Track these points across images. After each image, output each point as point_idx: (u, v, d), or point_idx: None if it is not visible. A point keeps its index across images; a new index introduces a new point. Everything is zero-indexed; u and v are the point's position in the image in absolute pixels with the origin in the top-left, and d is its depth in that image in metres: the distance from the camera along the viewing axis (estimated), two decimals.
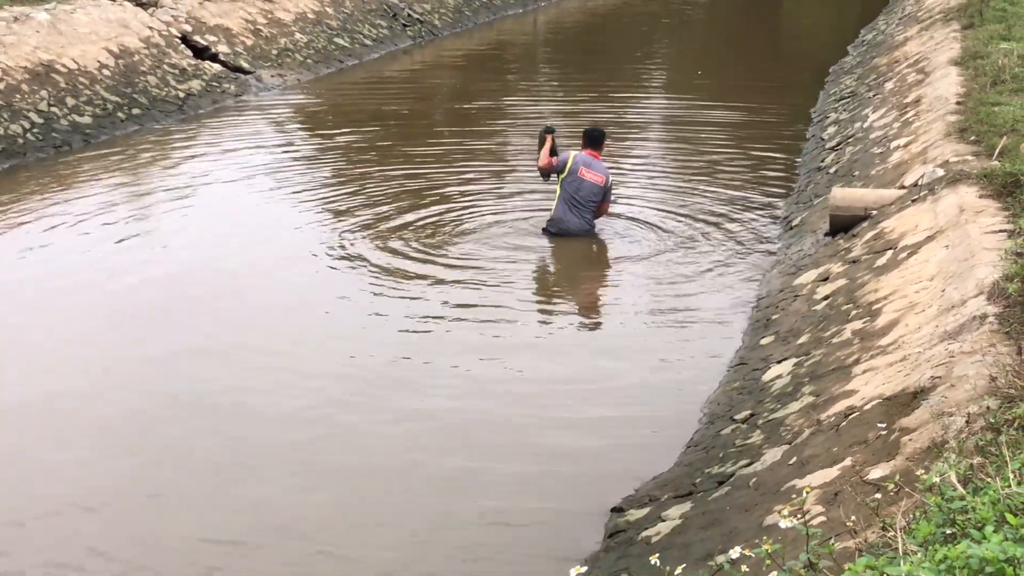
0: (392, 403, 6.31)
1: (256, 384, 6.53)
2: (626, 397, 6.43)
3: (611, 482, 5.36)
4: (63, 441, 5.88)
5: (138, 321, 7.43)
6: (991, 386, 4.13)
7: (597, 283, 8.50)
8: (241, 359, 6.85)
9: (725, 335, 7.12)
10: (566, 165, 8.85)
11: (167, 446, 5.83)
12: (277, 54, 15.70)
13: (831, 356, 5.74)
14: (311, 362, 6.84)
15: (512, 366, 6.82)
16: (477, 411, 6.22)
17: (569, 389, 6.51)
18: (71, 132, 11.97)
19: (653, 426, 6.05)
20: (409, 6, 19.30)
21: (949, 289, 5.55)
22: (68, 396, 6.36)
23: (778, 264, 8.20)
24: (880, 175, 8.83)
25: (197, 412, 6.17)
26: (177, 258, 8.60)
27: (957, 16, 13.74)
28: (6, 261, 8.67)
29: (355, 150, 11.93)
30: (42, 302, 7.80)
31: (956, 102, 9.30)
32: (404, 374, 6.68)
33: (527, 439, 5.92)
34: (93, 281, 8.15)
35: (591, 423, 6.11)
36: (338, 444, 5.88)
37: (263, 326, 7.40)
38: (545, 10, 22.77)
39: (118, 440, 5.91)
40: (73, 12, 13.57)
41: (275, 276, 8.27)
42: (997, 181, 6.72)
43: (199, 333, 7.24)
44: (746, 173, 11.01)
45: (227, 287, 8.03)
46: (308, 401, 6.31)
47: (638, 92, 15.61)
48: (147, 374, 6.66)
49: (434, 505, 5.30)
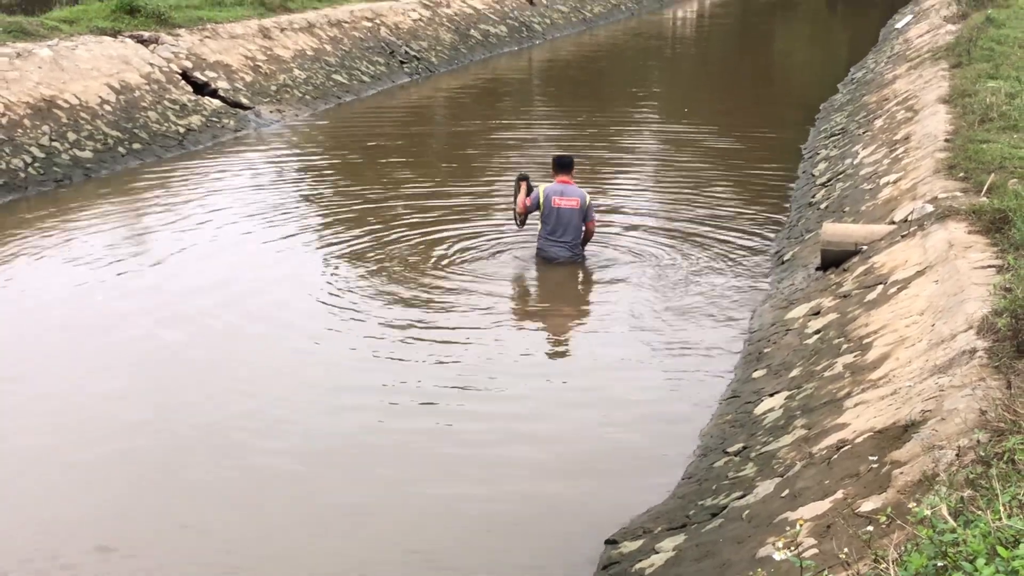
0: (383, 430, 6.38)
1: (251, 418, 6.58)
2: (619, 429, 6.47)
3: (605, 514, 5.39)
4: (48, 480, 5.90)
5: (133, 356, 7.45)
6: (981, 420, 4.16)
7: (588, 315, 8.55)
8: (233, 394, 6.89)
9: (717, 368, 7.17)
10: (538, 200, 9.06)
11: (160, 483, 5.87)
12: (276, 90, 15.84)
13: (823, 389, 5.79)
14: (307, 397, 6.88)
15: (504, 395, 6.87)
16: (468, 441, 6.27)
17: (561, 420, 6.56)
18: (72, 166, 12.06)
19: (646, 458, 6.08)
20: (406, 44, 19.50)
21: (939, 323, 5.61)
22: (57, 429, 6.38)
23: (770, 298, 8.26)
24: (870, 211, 8.90)
25: (192, 450, 6.18)
26: (175, 292, 8.63)
27: (945, 55, 13.89)
28: (2, 295, 8.71)
29: (353, 184, 12.02)
30: (36, 336, 7.83)
31: (945, 139, 9.39)
32: (394, 401, 6.74)
33: (519, 471, 5.96)
34: (89, 316, 8.19)
35: (583, 455, 6.15)
36: (333, 474, 5.93)
37: (257, 360, 7.43)
38: (540, 48, 22.99)
39: (103, 478, 5.92)
40: (75, 48, 13.70)
41: (271, 311, 8.31)
42: (986, 217, 6.79)
43: (195, 368, 7.27)
44: (738, 207, 11.09)
45: (225, 322, 8.07)
46: (304, 435, 6.37)
47: (629, 127, 15.75)
48: (140, 409, 6.66)
49: (424, 535, 5.32)
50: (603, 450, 6.22)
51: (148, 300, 8.49)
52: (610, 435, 6.40)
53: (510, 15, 23.49)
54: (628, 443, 6.30)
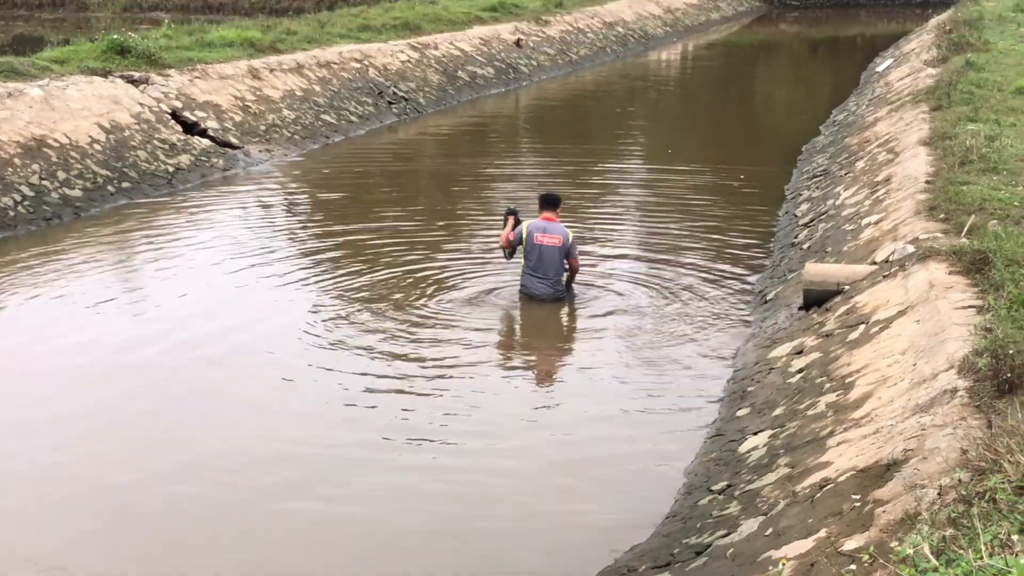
0: (369, 467, 6.42)
1: (240, 454, 6.61)
2: (603, 467, 6.50)
3: (590, 552, 5.41)
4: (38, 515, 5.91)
5: (119, 393, 7.47)
6: (962, 459, 4.21)
7: (571, 353, 8.60)
8: (218, 433, 6.91)
9: (702, 406, 7.22)
10: (521, 236, 9.17)
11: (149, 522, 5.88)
12: (265, 130, 15.94)
13: (806, 428, 5.83)
14: (299, 431, 6.91)
15: (487, 434, 6.90)
16: (450, 479, 6.30)
17: (546, 460, 6.59)
18: (62, 205, 12.10)
19: (631, 496, 6.11)
20: (394, 84, 19.67)
21: (920, 363, 5.66)
22: (44, 467, 6.39)
23: (753, 337, 8.32)
24: (852, 251, 8.97)
25: (177, 489, 6.19)
26: (162, 332, 8.64)
27: (926, 98, 14.05)
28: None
29: (340, 222, 12.07)
30: (23, 374, 7.86)
31: (925, 181, 9.48)
32: (380, 437, 6.79)
33: (504, 509, 6.00)
34: (76, 354, 8.20)
35: (568, 493, 6.17)
36: (327, 511, 5.94)
37: (242, 399, 7.45)
38: (526, 89, 23.20)
39: (86, 516, 5.93)
40: (66, 88, 13.79)
41: (257, 350, 8.33)
42: (966, 258, 6.86)
43: (181, 408, 7.29)
44: (721, 247, 11.17)
45: (211, 361, 8.08)
46: (298, 471, 6.39)
47: (614, 167, 15.88)
48: (127, 447, 6.68)
49: (404, 571, 5.34)
50: (588, 488, 6.25)
51: (135, 339, 8.50)
52: (594, 473, 6.43)
53: (497, 57, 23.72)
54: (612, 481, 6.33)
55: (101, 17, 32.96)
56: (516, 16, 26.63)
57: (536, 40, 26.01)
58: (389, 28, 21.99)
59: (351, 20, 22.15)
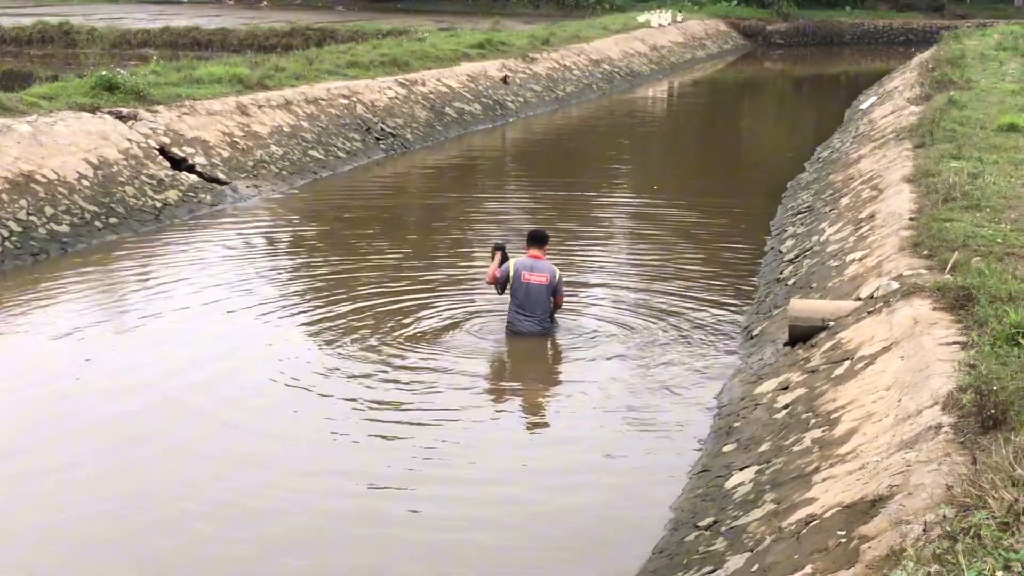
0: (351, 507, 6.43)
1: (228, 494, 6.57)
2: (590, 502, 6.51)
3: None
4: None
5: (103, 435, 7.43)
6: (947, 495, 4.22)
7: (558, 390, 8.60)
8: (203, 476, 6.87)
9: (688, 442, 7.24)
10: (508, 274, 9.21)
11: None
12: (253, 165, 15.99)
13: (792, 464, 5.84)
14: (291, 471, 6.90)
15: (473, 472, 6.90)
16: (436, 517, 6.31)
17: (532, 492, 6.61)
18: (49, 240, 12.10)
19: (618, 533, 6.12)
20: (382, 121, 19.77)
21: (905, 399, 5.69)
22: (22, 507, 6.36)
23: (739, 373, 8.35)
24: (837, 287, 9.03)
25: (160, 534, 6.17)
26: (149, 368, 8.64)
27: (909, 135, 14.18)
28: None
29: (327, 259, 12.10)
30: (6, 411, 7.83)
31: (909, 218, 9.54)
32: (361, 483, 6.77)
33: (489, 545, 6.01)
34: (62, 391, 8.18)
35: (555, 529, 6.18)
36: (308, 547, 5.93)
37: (228, 441, 7.44)
38: (513, 125, 23.35)
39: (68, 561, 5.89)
40: (54, 124, 13.82)
41: (244, 387, 8.33)
42: (950, 294, 6.91)
43: (168, 447, 7.26)
44: (707, 283, 11.22)
45: (199, 399, 8.07)
46: (292, 506, 6.37)
47: (600, 202, 15.99)
48: (107, 490, 6.63)
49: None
50: (575, 524, 6.26)
51: (122, 376, 8.49)
52: (582, 508, 6.44)
53: (484, 93, 23.89)
54: (599, 517, 6.34)
55: (90, 53, 33.08)
56: (503, 53, 26.85)
57: (523, 77, 26.22)
58: (377, 65, 22.13)
59: (339, 57, 22.29)
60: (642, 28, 37.26)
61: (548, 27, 33.63)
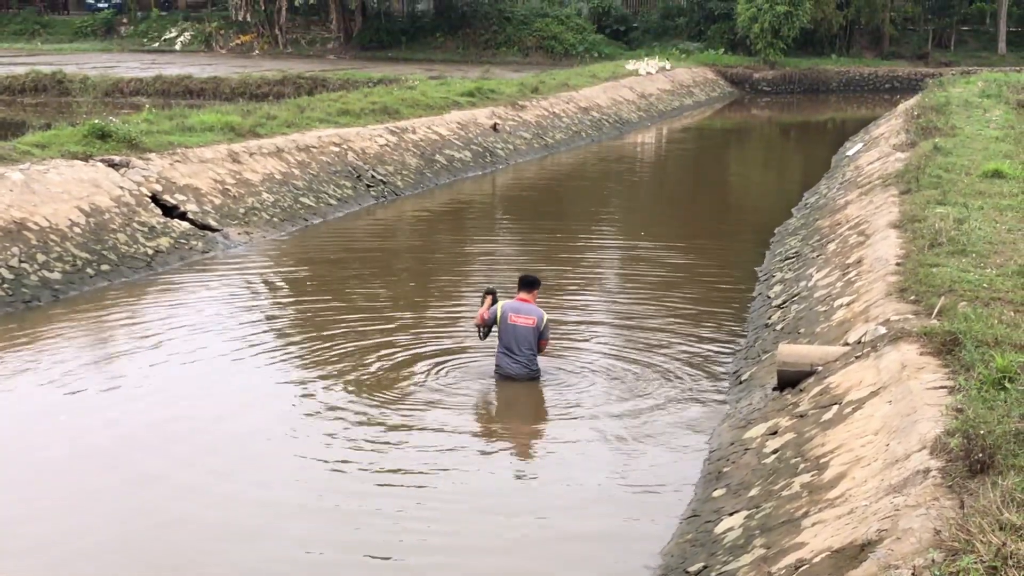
0: (342, 539, 6.48)
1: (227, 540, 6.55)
2: (581, 547, 6.51)
3: None
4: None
5: (94, 485, 7.40)
6: (936, 539, 4.27)
7: (546, 434, 8.61)
8: (195, 529, 6.84)
9: (677, 487, 7.25)
10: (496, 316, 9.32)
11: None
12: (244, 212, 16.06)
13: (781, 509, 5.86)
14: (281, 510, 6.89)
15: (461, 520, 6.91)
16: (428, 569, 6.29)
17: (519, 540, 6.61)
18: (40, 287, 12.11)
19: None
20: (373, 168, 19.90)
21: (893, 443, 5.73)
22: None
23: (728, 418, 8.38)
24: (825, 332, 9.08)
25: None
26: (139, 416, 8.62)
27: (895, 182, 14.31)
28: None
29: (319, 306, 12.13)
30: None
31: (896, 263, 9.63)
32: (354, 509, 6.85)
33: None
34: (51, 439, 8.17)
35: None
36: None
37: (225, 487, 7.44)
38: (503, 172, 23.52)
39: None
40: (46, 172, 13.89)
41: (235, 436, 8.33)
42: (937, 339, 6.98)
43: (160, 495, 7.24)
44: (695, 328, 11.27)
45: (188, 449, 8.05)
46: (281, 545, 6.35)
47: (588, 247, 16.08)
48: (97, 541, 6.60)
49: None
50: (563, 571, 6.24)
51: (112, 423, 8.48)
52: (571, 554, 6.43)
53: (474, 141, 24.08)
54: (590, 562, 6.34)
55: (82, 102, 33.24)
56: (493, 101, 27.09)
57: (512, 124, 26.45)
58: (368, 113, 22.31)
59: (330, 105, 22.47)
60: (630, 76, 37.64)
61: (537, 75, 33.96)
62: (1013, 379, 5.95)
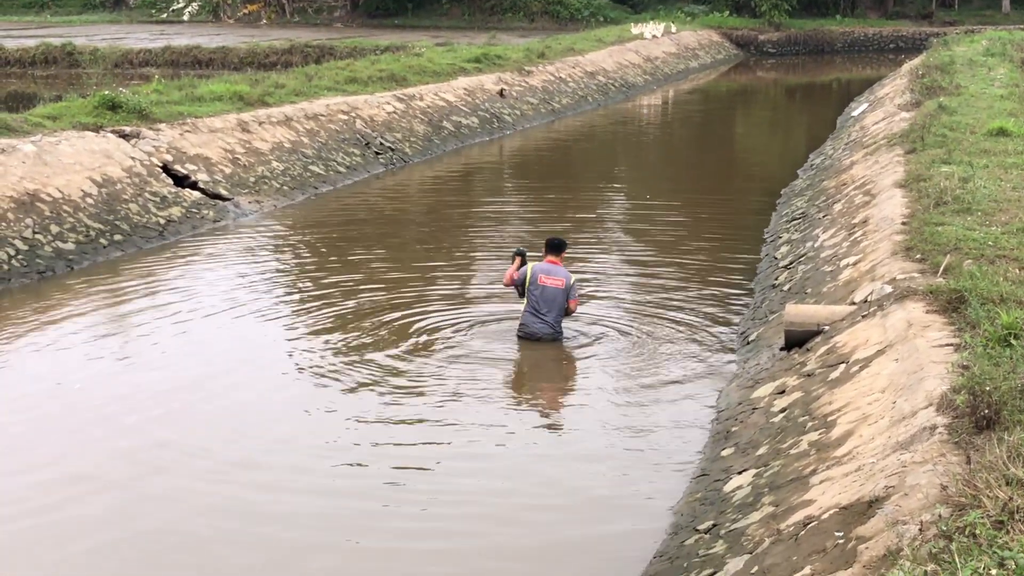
0: (351, 520, 6.55)
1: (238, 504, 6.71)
2: (591, 507, 6.62)
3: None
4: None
5: (107, 450, 7.51)
6: (942, 495, 4.32)
7: (560, 394, 8.76)
8: (209, 490, 6.94)
9: (687, 446, 7.35)
10: (526, 277, 9.45)
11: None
12: (254, 181, 16.12)
13: (789, 467, 5.93)
14: (288, 486, 7.01)
15: (477, 477, 7.02)
16: (440, 529, 6.41)
17: (534, 498, 6.72)
18: (55, 258, 12.23)
19: (618, 537, 6.23)
20: (381, 135, 19.93)
21: (900, 401, 5.78)
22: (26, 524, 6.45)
23: (736, 378, 8.45)
24: (831, 292, 9.13)
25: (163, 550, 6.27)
26: (154, 383, 8.73)
27: (900, 141, 14.28)
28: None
29: (331, 272, 12.22)
30: (11, 425, 7.94)
31: (902, 222, 9.65)
32: (362, 488, 6.93)
33: (491, 550, 6.13)
34: (67, 406, 8.29)
35: (556, 534, 6.29)
36: (313, 553, 6.06)
37: (241, 450, 7.55)
38: (510, 138, 23.50)
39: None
40: (58, 143, 13.97)
41: (250, 402, 8.44)
42: (942, 297, 7.02)
43: (176, 460, 7.35)
44: (703, 289, 11.34)
45: (202, 414, 8.17)
46: (284, 527, 6.48)
47: (596, 211, 16.12)
48: (120, 506, 6.71)
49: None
50: (575, 528, 6.37)
51: (126, 391, 8.59)
52: (582, 513, 6.55)
53: (481, 107, 24.04)
54: (600, 521, 6.45)
55: (92, 73, 33.15)
56: (499, 67, 27.00)
57: (519, 90, 26.38)
58: (375, 80, 22.28)
59: (338, 73, 22.43)
60: (636, 40, 37.41)
61: (543, 40, 33.80)
62: (1018, 336, 5.98)
